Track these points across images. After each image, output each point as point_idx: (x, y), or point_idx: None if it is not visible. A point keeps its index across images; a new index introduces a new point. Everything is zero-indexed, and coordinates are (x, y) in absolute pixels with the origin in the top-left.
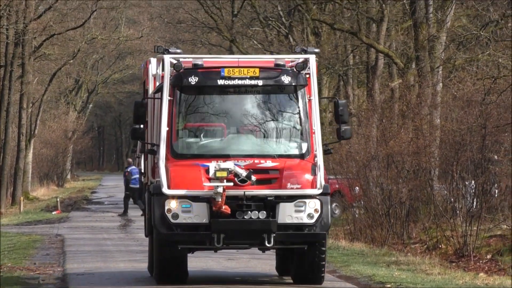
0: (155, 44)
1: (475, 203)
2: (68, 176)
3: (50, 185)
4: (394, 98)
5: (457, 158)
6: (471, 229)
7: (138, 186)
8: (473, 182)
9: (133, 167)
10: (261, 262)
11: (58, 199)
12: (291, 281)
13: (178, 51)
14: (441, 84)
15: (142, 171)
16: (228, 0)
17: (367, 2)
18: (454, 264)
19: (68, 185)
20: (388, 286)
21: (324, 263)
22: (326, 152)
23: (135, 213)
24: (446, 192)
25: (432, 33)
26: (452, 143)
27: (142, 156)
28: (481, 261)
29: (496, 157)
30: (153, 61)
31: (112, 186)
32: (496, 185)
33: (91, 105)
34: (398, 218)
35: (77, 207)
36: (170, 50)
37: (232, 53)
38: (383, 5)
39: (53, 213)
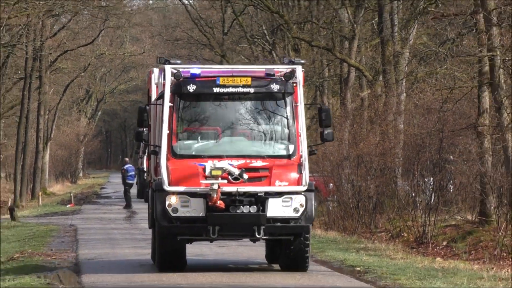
0: (157, 56)
1: (433, 197)
2: (80, 174)
3: (65, 181)
4: (363, 106)
5: (418, 158)
6: (429, 220)
7: (133, 181)
8: (431, 179)
9: (129, 165)
10: (247, 248)
11: (71, 194)
12: (279, 268)
13: (178, 62)
14: (404, 94)
15: (145, 169)
16: (219, 20)
17: (341, 22)
18: (414, 250)
19: (80, 182)
20: (357, 269)
21: (308, 252)
22: (310, 153)
23: (138, 206)
24: (408, 187)
25: (397, 50)
26: (413, 145)
27: (145, 156)
28: (438, 247)
29: (451, 157)
30: (156, 70)
31: (118, 183)
32: (451, 181)
33: (99, 112)
34: (367, 210)
35: (88, 201)
36: (170, 61)
37: None
38: (355, 25)
39: (67, 206)
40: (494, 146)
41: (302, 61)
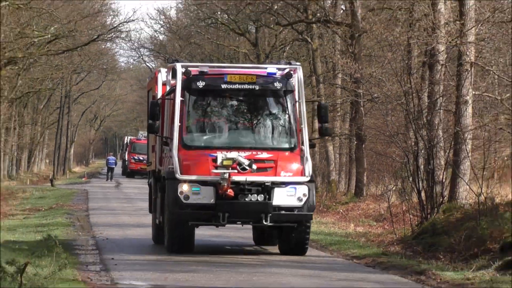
0: (165, 56)
1: None
2: (90, 161)
3: (81, 165)
4: None
5: None
6: None
7: (114, 166)
8: None
9: (110, 156)
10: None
11: (85, 172)
12: (270, 250)
13: (185, 61)
14: None
15: (126, 159)
16: None
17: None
18: None
19: (90, 165)
20: None
21: (308, 239)
22: (310, 146)
23: (122, 180)
24: None
25: None
26: None
27: (126, 152)
28: None
29: None
30: (163, 70)
31: None
32: None
33: (102, 127)
34: None
35: (95, 176)
36: (178, 60)
37: None
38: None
39: (82, 179)
40: (320, 149)
41: (298, 63)
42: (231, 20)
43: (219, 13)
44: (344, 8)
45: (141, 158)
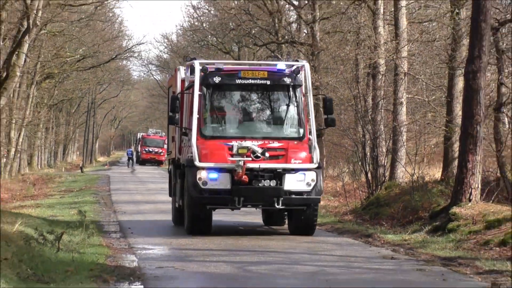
0: (184, 55)
1: None
2: (111, 152)
3: (104, 156)
4: None
5: None
6: None
7: (131, 156)
8: None
9: (129, 149)
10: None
11: (107, 161)
12: (277, 229)
13: (202, 59)
14: None
15: (139, 150)
16: None
17: None
18: None
19: (111, 156)
20: None
21: (316, 220)
22: (317, 136)
23: (136, 167)
24: None
25: None
26: None
27: (139, 145)
28: None
29: None
30: (182, 68)
31: (125, 157)
32: None
33: (120, 126)
34: None
35: (115, 164)
36: (196, 58)
37: None
38: None
39: (105, 166)
40: None
41: (305, 61)
42: (219, 42)
43: (209, 36)
44: (306, 32)
45: (151, 150)
